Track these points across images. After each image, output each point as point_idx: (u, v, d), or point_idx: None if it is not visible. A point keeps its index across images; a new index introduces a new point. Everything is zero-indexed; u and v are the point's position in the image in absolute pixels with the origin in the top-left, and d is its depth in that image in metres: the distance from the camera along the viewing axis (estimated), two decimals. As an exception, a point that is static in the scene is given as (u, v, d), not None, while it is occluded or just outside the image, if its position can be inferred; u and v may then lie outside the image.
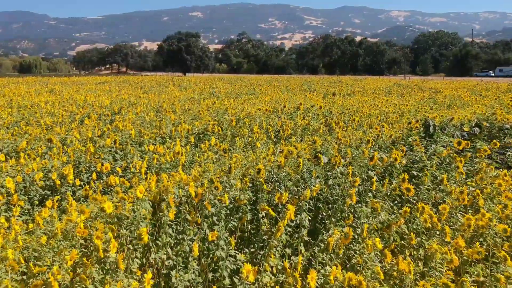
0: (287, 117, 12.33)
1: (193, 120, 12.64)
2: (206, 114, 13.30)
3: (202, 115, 12.82)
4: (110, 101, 19.46)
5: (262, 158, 6.85)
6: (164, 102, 18.61)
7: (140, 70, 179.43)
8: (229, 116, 10.82)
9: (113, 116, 13.78)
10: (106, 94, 26.08)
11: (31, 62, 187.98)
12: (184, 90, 30.85)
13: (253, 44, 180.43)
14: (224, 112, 12.56)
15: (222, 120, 9.95)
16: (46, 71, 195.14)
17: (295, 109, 12.09)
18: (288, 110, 13.34)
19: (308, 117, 12.03)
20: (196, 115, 13.14)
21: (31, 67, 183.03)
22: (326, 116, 12.93)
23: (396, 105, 16.94)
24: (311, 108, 14.38)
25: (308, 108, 14.35)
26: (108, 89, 30.41)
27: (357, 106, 16.01)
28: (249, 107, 18.13)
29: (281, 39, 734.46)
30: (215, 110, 13.56)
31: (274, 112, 15.79)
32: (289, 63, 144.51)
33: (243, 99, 23.02)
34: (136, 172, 5.91)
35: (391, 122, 13.22)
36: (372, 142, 7.39)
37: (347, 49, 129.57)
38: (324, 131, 10.31)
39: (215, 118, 12.59)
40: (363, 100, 19.37)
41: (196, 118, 12.89)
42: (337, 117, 11.71)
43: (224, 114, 12.26)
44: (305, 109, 13.28)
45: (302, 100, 22.44)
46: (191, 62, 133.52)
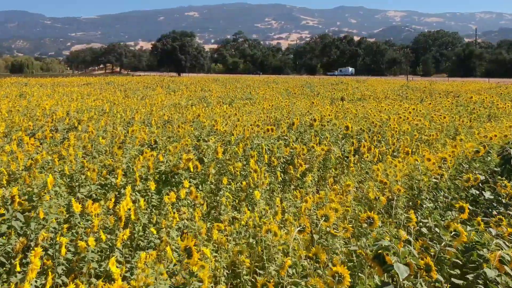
0: (295, 135, 9.20)
1: (169, 139, 9.49)
2: (189, 130, 10.17)
3: (181, 132, 9.66)
4: (78, 108, 16.29)
5: (265, 230, 3.79)
6: (139, 111, 15.43)
7: (135, 70, 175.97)
8: (214, 142, 7.65)
9: (67, 133, 10.63)
10: (83, 98, 22.90)
11: (23, 62, 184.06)
12: (173, 94, 27.67)
13: (250, 43, 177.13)
14: (210, 130, 9.39)
15: (204, 148, 6.74)
16: (39, 71, 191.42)
17: (307, 126, 8.92)
18: (295, 121, 10.14)
19: (323, 136, 8.91)
20: (174, 132, 9.97)
21: (22, 67, 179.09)
22: (347, 135, 9.80)
23: (425, 115, 13.84)
24: (324, 121, 11.23)
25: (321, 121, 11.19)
26: (87, 92, 27.19)
27: (378, 117, 12.87)
28: (244, 117, 15.00)
29: (277, 39, 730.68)
30: (200, 126, 10.38)
31: (276, 124, 12.70)
32: (287, 63, 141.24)
33: (238, 105, 19.85)
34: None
35: (430, 141, 10.10)
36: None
37: (346, 48, 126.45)
38: (346, 164, 7.18)
39: (200, 137, 9.45)
40: (381, 108, 16.23)
41: (173, 137, 9.75)
42: (365, 139, 8.58)
43: (210, 133, 9.11)
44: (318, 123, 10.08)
45: (306, 105, 19.33)
46: (185, 62, 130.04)
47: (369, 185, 5.57)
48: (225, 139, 8.65)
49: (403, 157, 7.46)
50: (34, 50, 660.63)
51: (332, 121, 10.00)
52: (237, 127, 11.57)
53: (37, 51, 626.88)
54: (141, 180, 5.49)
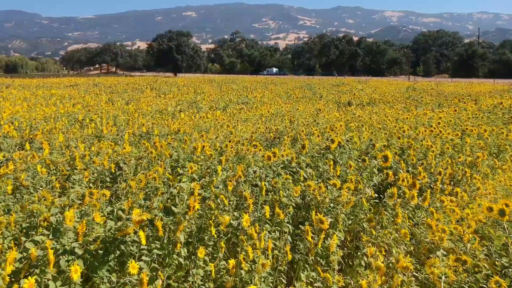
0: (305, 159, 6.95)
1: (139, 163, 7.23)
2: (166, 150, 7.91)
3: (154, 154, 7.39)
4: (47, 116, 14.03)
5: None
6: (118, 119, 13.19)
7: (131, 70, 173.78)
8: (192, 176, 5.41)
9: (16, 150, 8.37)
10: (62, 102, 20.62)
11: (17, 62, 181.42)
12: (163, 96, 25.40)
13: (247, 43, 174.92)
14: (190, 153, 7.09)
15: (174, 194, 4.45)
16: (34, 71, 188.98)
17: (321, 148, 6.65)
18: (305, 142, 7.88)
19: (342, 160, 6.66)
20: (148, 152, 7.70)
21: (16, 67, 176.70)
22: (369, 154, 7.56)
23: (454, 125, 11.61)
24: (337, 134, 8.99)
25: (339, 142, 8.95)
26: (69, 95, 24.92)
27: (398, 127, 10.63)
28: (239, 127, 12.77)
29: (275, 39, 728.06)
30: (178, 148, 8.09)
31: (278, 137, 10.50)
32: (285, 63, 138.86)
33: (233, 110, 17.60)
34: None
35: (473, 163, 7.88)
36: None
37: (345, 48, 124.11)
38: (383, 207, 4.95)
39: (178, 162, 7.21)
40: (397, 114, 13.99)
41: (146, 157, 7.49)
42: (400, 167, 6.33)
43: (191, 155, 6.87)
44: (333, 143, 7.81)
45: (310, 110, 17.11)
46: (182, 62, 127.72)
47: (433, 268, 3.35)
48: (210, 167, 6.41)
49: (460, 197, 5.23)
50: (31, 50, 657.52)
51: (353, 139, 7.74)
52: (231, 141, 9.35)
53: (34, 51, 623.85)
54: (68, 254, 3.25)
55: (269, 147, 10.13)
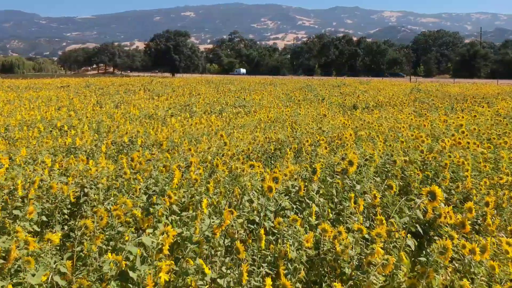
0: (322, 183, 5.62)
1: (113, 187, 5.89)
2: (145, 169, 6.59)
3: (127, 176, 6.05)
4: (23, 121, 12.69)
5: None
6: (102, 125, 11.86)
7: (129, 70, 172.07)
8: (157, 238, 4.05)
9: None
10: (46, 106, 19.31)
11: (13, 62, 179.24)
12: (156, 98, 24.06)
13: (246, 43, 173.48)
14: (168, 182, 5.71)
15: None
16: (31, 71, 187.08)
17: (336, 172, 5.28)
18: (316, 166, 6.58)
19: (362, 187, 5.33)
20: (118, 175, 6.35)
21: (13, 67, 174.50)
22: (390, 173, 6.23)
23: (477, 133, 10.27)
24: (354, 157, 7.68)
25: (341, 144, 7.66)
26: (56, 97, 23.58)
27: (413, 136, 9.30)
28: (235, 134, 11.45)
29: (273, 39, 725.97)
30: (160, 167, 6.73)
31: (279, 148, 9.20)
32: (283, 63, 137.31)
33: (229, 115, 16.26)
34: None
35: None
36: None
37: (345, 48, 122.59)
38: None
39: (152, 190, 5.86)
40: (410, 120, 12.64)
41: (120, 176, 6.16)
42: (441, 200, 4.99)
43: (167, 184, 5.49)
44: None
45: (312, 114, 15.77)
46: (179, 62, 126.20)
47: None
48: (195, 196, 5.07)
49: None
50: (29, 50, 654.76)
51: (373, 158, 6.39)
52: (224, 155, 8.04)
53: (32, 51, 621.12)
54: None
55: (269, 161, 8.78)
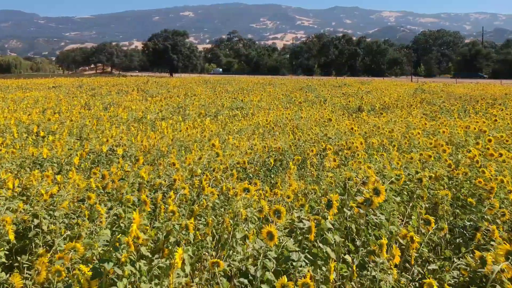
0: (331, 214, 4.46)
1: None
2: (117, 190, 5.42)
3: (90, 202, 4.88)
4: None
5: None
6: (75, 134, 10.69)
7: (127, 70, 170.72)
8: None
9: None
10: (32, 107, 18.12)
11: (11, 62, 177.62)
12: (150, 99, 22.86)
13: (244, 43, 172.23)
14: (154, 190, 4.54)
15: None
16: (29, 71, 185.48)
17: (358, 203, 4.17)
18: (328, 197, 5.42)
19: (387, 217, 4.16)
20: (83, 197, 5.17)
21: (10, 66, 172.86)
22: (415, 193, 5.05)
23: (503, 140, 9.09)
24: (380, 186, 6.51)
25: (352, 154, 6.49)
26: (44, 99, 22.38)
27: (439, 147, 8.12)
28: (230, 140, 10.28)
29: (272, 39, 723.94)
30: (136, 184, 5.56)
31: (279, 160, 8.04)
32: (283, 63, 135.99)
33: (225, 118, 15.07)
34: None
35: None
36: None
37: (344, 48, 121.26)
38: None
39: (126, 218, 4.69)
40: (422, 124, 11.46)
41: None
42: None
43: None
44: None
45: (315, 117, 14.59)
46: (178, 62, 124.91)
47: None
48: (172, 232, 3.89)
49: None
50: (28, 50, 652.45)
51: (400, 177, 5.19)
52: (215, 170, 6.86)
53: (31, 51, 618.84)
54: None
55: (268, 175, 7.59)
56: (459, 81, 62.54)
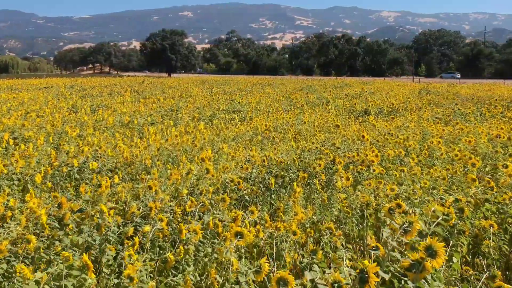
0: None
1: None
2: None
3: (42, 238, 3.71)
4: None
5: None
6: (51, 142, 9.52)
7: (125, 70, 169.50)
8: None
9: None
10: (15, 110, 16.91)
11: (8, 62, 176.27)
12: (143, 101, 21.65)
13: (243, 43, 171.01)
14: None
15: None
16: (26, 71, 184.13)
17: (395, 270, 3.09)
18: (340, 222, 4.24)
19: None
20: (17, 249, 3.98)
21: (7, 66, 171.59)
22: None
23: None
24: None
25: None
26: (28, 100, 21.18)
27: (468, 160, 6.94)
28: (224, 149, 9.11)
29: (271, 39, 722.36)
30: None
31: (282, 176, 6.89)
32: (282, 63, 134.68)
33: (221, 122, 13.87)
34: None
35: None
36: None
37: (344, 48, 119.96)
38: None
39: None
40: (438, 130, 10.27)
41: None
42: None
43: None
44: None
45: (318, 121, 13.39)
46: (176, 61, 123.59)
47: None
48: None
49: None
50: (26, 50, 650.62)
51: (449, 218, 4.01)
52: (203, 193, 5.68)
53: (29, 51, 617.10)
54: None
55: (268, 196, 6.39)
56: (462, 81, 61.42)
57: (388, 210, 4.45)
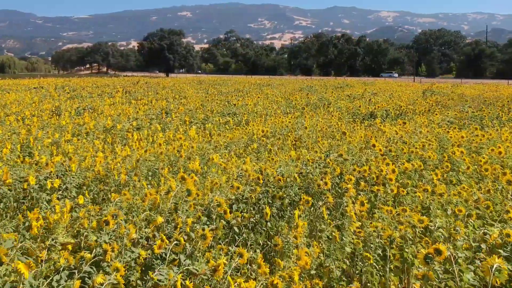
0: None
1: None
2: None
3: None
4: None
5: None
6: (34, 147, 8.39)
7: (123, 70, 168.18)
8: None
9: None
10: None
11: (4, 62, 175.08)
12: (134, 102, 20.49)
13: (242, 43, 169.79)
14: None
15: None
16: (24, 71, 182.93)
17: None
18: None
19: None
20: None
21: (4, 66, 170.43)
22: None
23: None
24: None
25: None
26: (16, 101, 20.04)
27: (502, 176, 5.82)
28: (214, 159, 8.03)
29: (270, 39, 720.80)
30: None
31: (281, 196, 5.74)
32: (281, 63, 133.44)
33: (214, 126, 12.72)
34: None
35: None
36: None
37: (344, 48, 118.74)
38: None
39: None
40: (460, 140, 9.13)
41: None
42: None
43: None
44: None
45: (320, 126, 12.23)
46: (174, 61, 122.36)
47: None
48: None
49: None
50: (25, 50, 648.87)
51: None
52: (177, 227, 4.57)
53: (28, 51, 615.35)
54: None
55: (263, 224, 5.23)
56: (464, 81, 60.30)
57: (425, 259, 3.31)
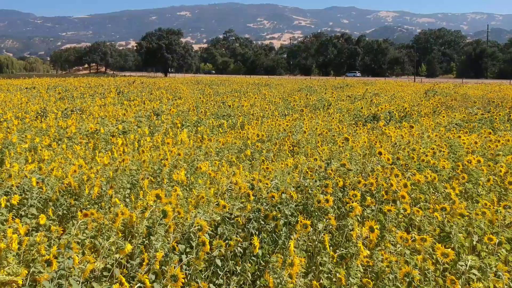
0: None
1: None
2: None
3: None
4: None
5: None
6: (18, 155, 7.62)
7: (121, 70, 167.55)
8: None
9: None
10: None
11: (2, 61, 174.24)
12: (126, 103, 19.68)
13: (241, 42, 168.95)
14: None
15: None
16: (22, 71, 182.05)
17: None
18: None
19: None
20: None
21: (2, 66, 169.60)
22: None
23: None
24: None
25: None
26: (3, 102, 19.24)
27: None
28: (202, 168, 7.19)
29: (269, 39, 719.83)
30: None
31: (274, 217, 4.87)
32: (280, 63, 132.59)
33: (206, 130, 11.91)
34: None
35: None
36: None
37: (344, 47, 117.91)
38: None
39: None
40: (474, 146, 8.33)
41: None
42: None
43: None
44: None
45: (320, 129, 11.41)
46: (172, 61, 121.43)
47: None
48: None
49: None
50: (24, 50, 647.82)
51: None
52: (148, 262, 3.72)
53: (27, 51, 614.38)
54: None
55: (250, 254, 4.42)
56: (465, 81, 59.54)
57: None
